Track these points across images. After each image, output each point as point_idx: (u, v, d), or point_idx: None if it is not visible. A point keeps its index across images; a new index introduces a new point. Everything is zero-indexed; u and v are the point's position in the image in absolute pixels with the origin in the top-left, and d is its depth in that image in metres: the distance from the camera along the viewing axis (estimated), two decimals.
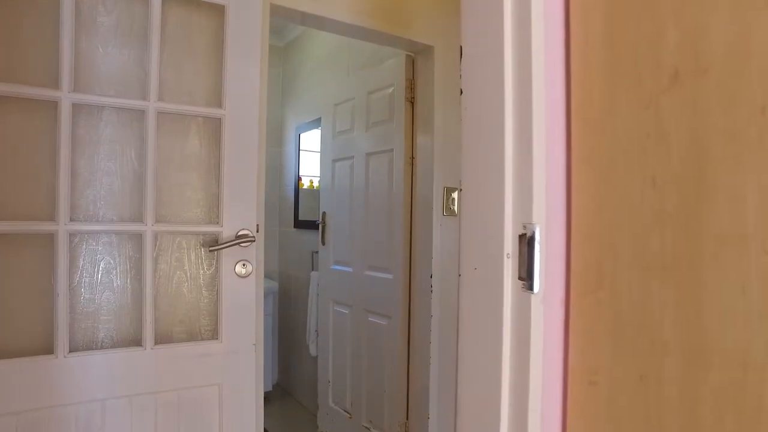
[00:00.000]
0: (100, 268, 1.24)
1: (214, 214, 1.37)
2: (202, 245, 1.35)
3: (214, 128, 1.37)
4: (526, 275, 0.63)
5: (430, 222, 2.02)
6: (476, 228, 0.71)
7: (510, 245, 0.64)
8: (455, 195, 2.09)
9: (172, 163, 1.33)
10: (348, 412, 2.46)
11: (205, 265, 1.36)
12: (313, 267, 2.97)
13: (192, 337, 1.34)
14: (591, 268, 0.62)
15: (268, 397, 2.38)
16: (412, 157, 2.14)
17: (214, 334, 1.36)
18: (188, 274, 1.35)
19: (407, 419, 2.15)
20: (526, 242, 0.62)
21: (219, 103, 1.35)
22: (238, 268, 1.36)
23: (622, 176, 0.58)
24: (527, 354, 0.60)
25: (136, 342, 1.26)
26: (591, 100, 0.63)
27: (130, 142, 1.27)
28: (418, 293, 2.07)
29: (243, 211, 1.38)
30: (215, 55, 1.36)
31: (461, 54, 0.74)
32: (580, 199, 0.64)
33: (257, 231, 1.42)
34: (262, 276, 1.51)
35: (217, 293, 1.36)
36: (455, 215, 2.08)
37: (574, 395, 0.64)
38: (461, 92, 0.76)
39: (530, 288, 0.62)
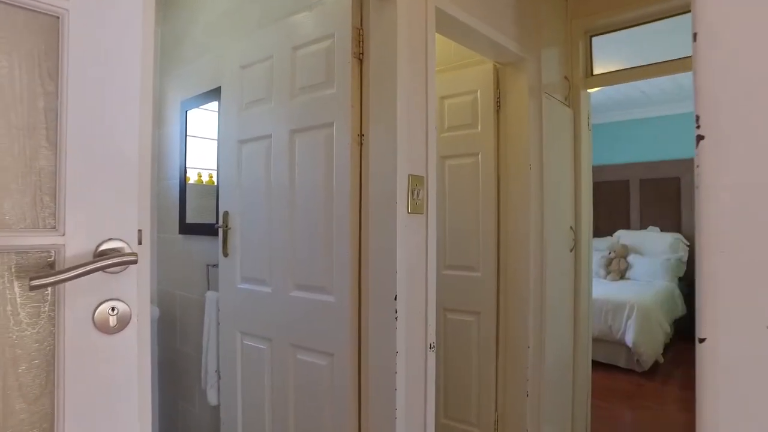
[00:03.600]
0: None
1: (45, 212, 0.67)
2: (16, 274, 0.65)
3: (47, 38, 0.68)
4: None
5: (391, 223, 1.47)
6: None
7: None
8: (424, 186, 1.56)
9: None
10: None
11: (22, 314, 0.66)
12: (210, 285, 2.24)
13: None
14: None
15: None
16: (361, 135, 1.57)
17: None
18: None
19: None
20: None
21: None
22: (101, 316, 0.69)
23: None
24: None
25: None
26: None
27: None
28: (376, 322, 1.50)
29: (109, 205, 0.71)
30: None
31: None
32: None
33: (139, 243, 0.75)
34: (149, 327, 0.83)
35: (54, 373, 0.67)
36: (423, 213, 1.56)
37: None
38: None
39: None
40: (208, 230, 2.21)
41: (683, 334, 4.77)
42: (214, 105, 2.27)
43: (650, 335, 3.89)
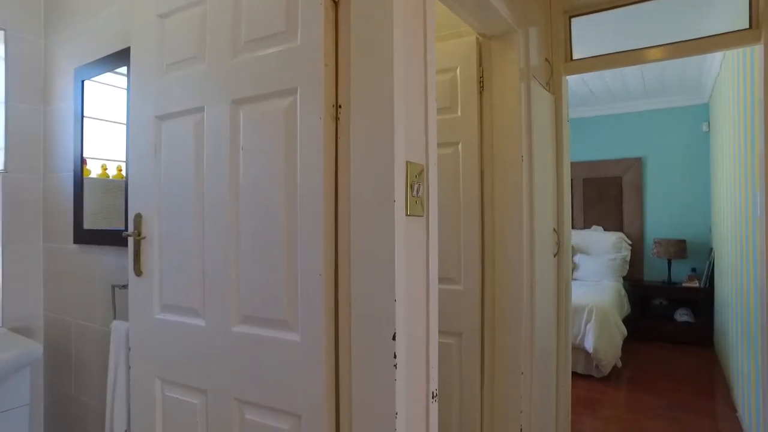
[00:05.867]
0: None
1: None
2: None
3: None
4: None
5: (385, 232, 1.03)
6: None
7: None
8: (424, 179, 1.14)
9: None
10: None
11: None
12: (117, 313, 1.68)
13: None
14: None
15: None
16: (338, 106, 1.12)
17: None
18: None
19: None
20: None
21: None
22: None
23: None
24: None
25: None
26: None
27: None
28: (364, 370, 1.06)
29: None
30: None
31: None
32: None
33: None
34: None
35: None
36: (422, 215, 1.14)
37: None
38: None
39: None
40: (115, 239, 1.65)
41: (632, 334, 4.74)
42: (122, 81, 1.71)
43: (610, 339, 3.75)
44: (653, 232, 5.28)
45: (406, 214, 1.07)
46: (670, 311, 4.98)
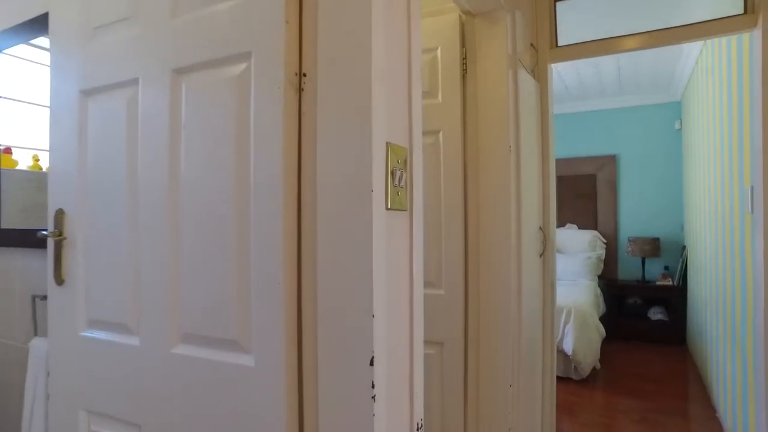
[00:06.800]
0: None
1: None
2: None
3: None
4: None
5: (361, 230, 0.82)
6: None
7: None
8: (407, 165, 0.94)
9: None
10: None
11: None
12: (38, 330, 1.41)
13: None
14: None
15: None
16: (302, 74, 0.91)
17: None
18: None
19: None
20: None
21: None
22: None
23: None
24: None
25: None
26: None
27: None
28: (334, 401, 0.85)
29: None
30: None
31: None
32: None
33: None
34: None
35: None
36: (405, 210, 0.93)
37: None
38: None
39: None
40: (28, 241, 1.39)
41: (608, 334, 4.67)
42: (41, 46, 1.45)
43: (589, 341, 3.64)
44: (627, 231, 5.24)
45: (387, 208, 0.86)
46: (644, 310, 4.94)
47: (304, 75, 0.91)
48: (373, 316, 0.81)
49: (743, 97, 2.28)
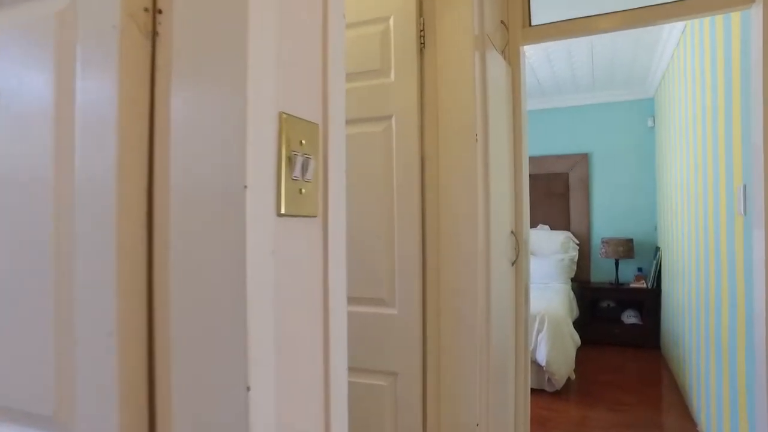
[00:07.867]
0: None
1: None
2: None
3: None
4: None
5: (232, 246, 0.52)
6: None
7: None
8: (319, 148, 0.63)
9: None
10: None
11: None
12: None
13: None
14: None
15: None
16: (156, 11, 0.59)
17: None
18: None
19: None
20: None
21: None
22: None
23: None
24: None
25: None
26: None
27: None
28: None
29: None
30: None
31: None
32: None
33: None
34: None
35: None
36: (314, 215, 0.63)
37: None
38: None
39: None
40: None
41: (581, 339, 4.48)
42: None
43: (563, 350, 3.42)
44: (600, 231, 5.07)
45: (279, 214, 0.56)
46: (618, 313, 4.78)
47: (159, 12, 0.59)
48: (248, 388, 0.50)
49: (731, 91, 2.06)
